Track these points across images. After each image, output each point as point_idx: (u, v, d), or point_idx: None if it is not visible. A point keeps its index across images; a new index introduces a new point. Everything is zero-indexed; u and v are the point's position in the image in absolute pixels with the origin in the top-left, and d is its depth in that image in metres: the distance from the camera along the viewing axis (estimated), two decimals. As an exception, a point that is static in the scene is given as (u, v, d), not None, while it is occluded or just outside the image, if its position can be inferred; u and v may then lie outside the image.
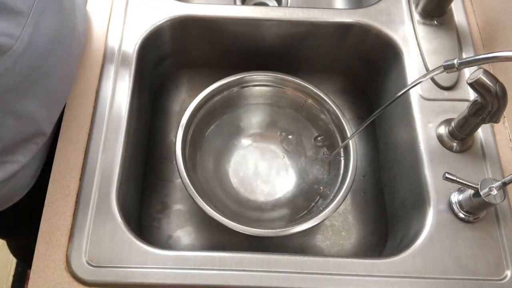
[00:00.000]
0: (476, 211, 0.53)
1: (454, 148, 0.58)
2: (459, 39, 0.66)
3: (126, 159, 0.57)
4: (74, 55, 0.57)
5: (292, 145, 0.72)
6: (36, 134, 0.53)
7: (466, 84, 0.51)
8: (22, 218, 0.64)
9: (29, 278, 0.51)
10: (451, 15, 0.67)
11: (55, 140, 0.58)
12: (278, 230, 0.56)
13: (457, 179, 0.51)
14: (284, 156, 0.72)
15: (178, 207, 0.69)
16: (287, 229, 0.56)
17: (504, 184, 0.48)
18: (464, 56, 0.65)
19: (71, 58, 0.56)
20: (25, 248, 0.59)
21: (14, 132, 0.49)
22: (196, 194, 0.57)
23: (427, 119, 0.60)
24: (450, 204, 0.55)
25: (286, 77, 0.67)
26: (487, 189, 0.49)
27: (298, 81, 0.67)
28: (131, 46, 0.64)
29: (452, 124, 0.57)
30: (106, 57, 0.63)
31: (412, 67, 0.64)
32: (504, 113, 0.59)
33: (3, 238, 0.96)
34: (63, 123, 0.58)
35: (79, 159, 0.56)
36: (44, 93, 0.51)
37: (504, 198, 0.49)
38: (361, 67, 0.75)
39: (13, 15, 0.42)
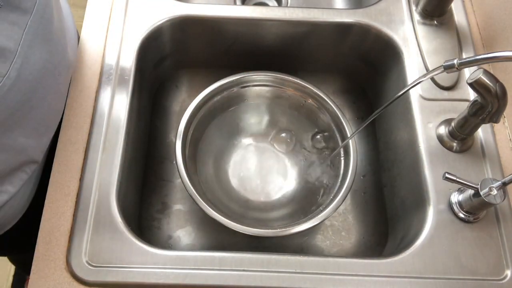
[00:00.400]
0: (476, 211, 0.53)
1: (454, 148, 0.58)
2: (459, 39, 0.66)
3: (126, 159, 0.57)
4: (64, 81, 0.55)
5: (292, 145, 0.72)
6: (26, 163, 0.52)
7: (466, 84, 0.51)
8: (21, 238, 0.63)
9: (29, 278, 0.51)
10: (451, 15, 0.67)
11: (49, 161, 0.57)
12: (278, 230, 0.56)
13: (457, 179, 0.51)
14: (283, 156, 0.72)
15: (178, 207, 0.69)
16: (287, 229, 0.56)
17: (504, 184, 0.48)
18: (464, 56, 0.65)
19: (61, 85, 0.54)
20: (25, 260, 0.58)
21: (1, 165, 0.48)
22: (196, 194, 0.57)
23: (427, 119, 0.60)
24: (450, 204, 0.55)
25: (286, 77, 0.67)
26: (487, 189, 0.49)
27: (298, 81, 0.67)
28: (131, 46, 0.64)
29: (452, 124, 0.57)
30: (106, 57, 0.63)
31: (412, 67, 0.64)
32: (504, 113, 0.60)
33: (3, 255, 0.95)
34: (63, 123, 0.58)
35: (79, 159, 0.56)
36: (33, 124, 0.49)
37: (504, 198, 0.49)
38: (361, 67, 0.75)
39: (0, 52, 0.40)
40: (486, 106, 0.50)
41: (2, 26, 0.40)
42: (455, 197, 0.55)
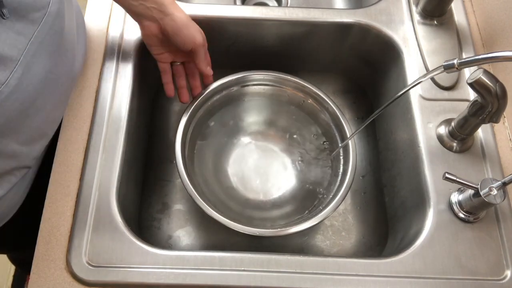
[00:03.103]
0: (476, 211, 0.53)
1: (454, 148, 0.58)
2: (459, 39, 0.66)
3: (126, 159, 0.57)
4: (66, 91, 0.55)
5: (291, 144, 0.72)
6: (16, 168, 0.51)
7: (466, 84, 0.51)
8: (15, 235, 0.63)
9: (29, 278, 0.51)
10: (451, 15, 0.67)
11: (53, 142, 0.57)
12: (278, 229, 0.56)
13: (457, 179, 0.51)
14: (283, 155, 0.72)
15: (178, 207, 0.69)
16: (287, 228, 0.56)
17: (504, 184, 0.48)
18: (464, 56, 0.65)
19: (63, 95, 0.54)
20: (25, 259, 0.58)
21: None
22: (196, 194, 0.57)
23: (427, 119, 0.60)
24: (450, 204, 0.55)
25: (285, 76, 0.67)
26: (487, 189, 0.49)
27: (298, 80, 0.67)
28: (131, 46, 0.64)
29: (452, 124, 0.57)
30: (106, 57, 0.63)
31: (412, 67, 0.64)
32: (504, 113, 0.60)
33: (3, 253, 0.95)
34: (63, 123, 0.58)
35: (79, 159, 0.56)
36: (28, 132, 0.49)
37: (504, 198, 0.49)
38: (361, 67, 0.75)
39: (1, 60, 0.40)
40: (486, 106, 0.50)
41: (7, 35, 0.41)
42: (455, 197, 0.55)
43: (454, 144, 0.58)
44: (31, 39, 0.43)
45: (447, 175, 0.51)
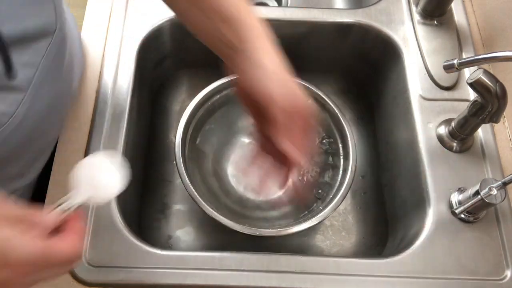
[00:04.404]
0: (476, 211, 0.53)
1: (454, 148, 0.58)
2: (459, 39, 0.66)
3: (126, 159, 0.57)
4: (66, 111, 0.54)
5: (292, 145, 0.72)
6: (19, 188, 0.51)
7: (466, 84, 0.51)
8: None
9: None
10: (451, 15, 0.67)
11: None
12: (278, 229, 0.56)
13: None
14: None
15: (178, 207, 0.69)
16: (287, 228, 0.56)
17: (504, 184, 0.48)
18: (464, 56, 0.65)
19: (63, 114, 0.54)
20: None
21: None
22: (196, 194, 0.57)
23: (427, 119, 0.60)
24: (450, 204, 0.55)
25: (286, 77, 0.67)
26: (487, 189, 0.49)
27: (298, 81, 0.67)
28: (131, 47, 0.63)
29: (452, 124, 0.57)
30: (106, 57, 0.62)
31: (412, 67, 0.64)
32: (504, 113, 0.60)
33: None
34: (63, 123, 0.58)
35: (79, 159, 0.56)
36: (31, 154, 0.48)
37: (504, 198, 0.49)
38: (361, 67, 0.75)
39: (9, 93, 0.39)
40: (486, 106, 0.50)
41: (15, 70, 0.39)
42: (455, 197, 0.55)
43: (454, 144, 0.58)
44: (38, 69, 0.42)
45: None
